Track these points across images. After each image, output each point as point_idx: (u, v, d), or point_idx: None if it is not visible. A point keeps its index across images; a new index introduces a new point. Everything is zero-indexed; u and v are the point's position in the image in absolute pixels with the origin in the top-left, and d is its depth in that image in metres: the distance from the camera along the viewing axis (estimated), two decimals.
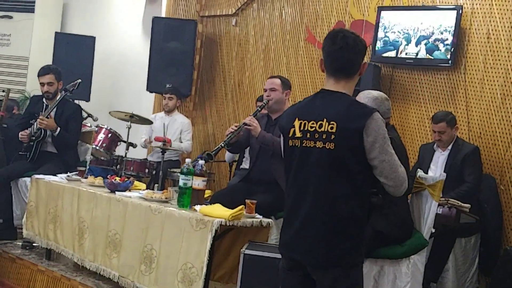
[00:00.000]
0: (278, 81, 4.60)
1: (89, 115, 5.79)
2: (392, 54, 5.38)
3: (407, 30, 5.28)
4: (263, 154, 4.47)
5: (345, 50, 2.35)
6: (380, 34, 5.44)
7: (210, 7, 7.12)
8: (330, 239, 2.29)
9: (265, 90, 4.61)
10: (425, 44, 5.17)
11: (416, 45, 5.22)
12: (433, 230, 3.77)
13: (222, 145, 4.32)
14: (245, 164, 5.63)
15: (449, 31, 5.03)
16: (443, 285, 4.38)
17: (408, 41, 5.27)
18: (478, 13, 5.03)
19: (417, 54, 5.23)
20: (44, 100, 5.20)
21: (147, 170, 5.66)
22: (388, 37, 5.39)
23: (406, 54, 5.29)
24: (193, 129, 6.88)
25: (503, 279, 3.48)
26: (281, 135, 2.54)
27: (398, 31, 5.33)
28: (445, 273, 4.37)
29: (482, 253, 4.57)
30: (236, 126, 4.37)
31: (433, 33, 5.13)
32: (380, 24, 5.45)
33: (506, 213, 4.76)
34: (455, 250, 4.37)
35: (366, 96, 3.56)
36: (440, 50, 5.09)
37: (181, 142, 6.31)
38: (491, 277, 4.24)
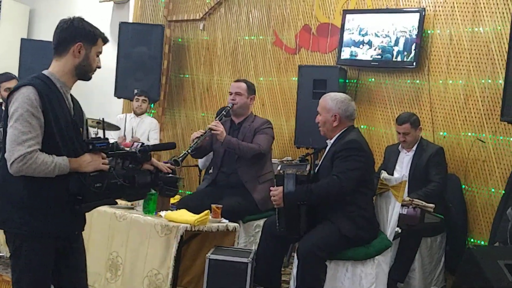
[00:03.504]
0: (244, 85, 4.61)
1: None
2: (357, 56, 5.43)
3: (372, 33, 5.34)
4: (228, 158, 4.48)
5: (56, 31, 2.49)
6: (346, 37, 5.49)
7: (177, 12, 7.10)
8: None
9: (230, 94, 4.61)
10: (390, 47, 5.24)
11: (381, 48, 5.28)
12: (399, 231, 3.84)
13: (189, 151, 4.30)
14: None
15: (413, 34, 5.10)
16: (410, 285, 4.42)
17: (373, 44, 5.33)
18: (441, 15, 5.11)
19: (382, 56, 5.29)
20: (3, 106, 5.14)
21: None
22: (353, 40, 5.44)
23: (371, 56, 5.35)
24: (162, 134, 6.86)
25: (466, 278, 3.53)
26: None
27: (363, 34, 5.39)
28: (412, 272, 4.41)
29: (448, 252, 4.64)
30: (201, 132, 4.37)
31: (397, 36, 5.19)
32: (346, 27, 5.50)
33: (471, 212, 4.84)
34: (421, 250, 4.43)
35: (333, 98, 3.61)
36: (405, 53, 5.15)
37: (148, 141, 6.28)
38: (455, 276, 4.30)
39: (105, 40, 2.56)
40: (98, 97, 7.37)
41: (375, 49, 5.32)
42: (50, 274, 2.40)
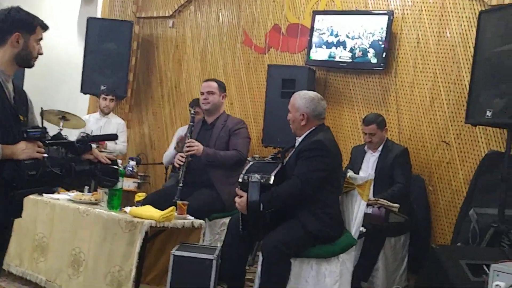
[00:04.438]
0: (215, 84, 4.61)
1: None
2: (326, 57, 5.46)
3: (341, 34, 5.37)
4: (198, 157, 4.46)
5: None
6: (315, 37, 5.51)
7: (147, 9, 7.04)
8: None
9: (202, 94, 4.60)
10: (358, 48, 5.27)
11: (350, 49, 5.32)
12: (364, 230, 3.86)
13: (181, 185, 4.27)
14: None
15: (381, 36, 5.15)
16: (373, 283, 4.46)
17: (342, 45, 5.36)
18: (409, 18, 5.18)
19: (350, 57, 5.32)
20: None
21: None
22: (322, 40, 5.47)
23: (340, 57, 5.38)
24: (129, 132, 6.78)
25: (429, 277, 3.57)
26: None
27: (332, 35, 5.42)
28: (375, 272, 4.45)
29: (411, 252, 4.69)
30: (182, 159, 4.34)
31: (366, 37, 5.24)
32: (315, 28, 5.52)
33: (434, 213, 4.91)
34: (385, 249, 4.47)
35: (303, 97, 3.60)
36: (373, 54, 5.20)
37: (116, 143, 6.20)
38: (418, 275, 4.35)
39: (44, 27, 2.59)
40: (64, 92, 7.27)
41: (343, 50, 5.35)
42: None
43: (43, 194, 3.87)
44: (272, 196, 3.26)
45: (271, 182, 3.27)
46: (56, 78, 7.38)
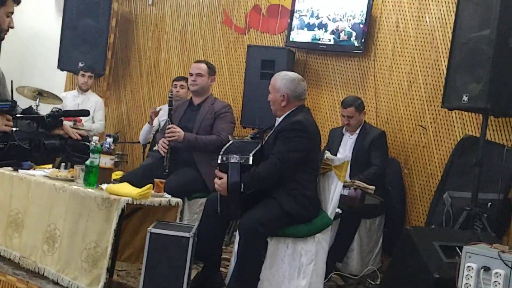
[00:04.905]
0: (204, 66, 4.58)
1: None
2: (306, 39, 5.46)
3: (322, 16, 5.37)
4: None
5: None
6: (295, 19, 5.50)
7: None
8: None
9: (191, 75, 4.57)
10: (338, 31, 5.28)
11: (330, 31, 5.32)
12: (340, 211, 3.89)
13: (166, 169, 4.30)
14: None
15: (361, 19, 5.16)
16: (348, 264, 4.52)
17: (322, 27, 5.36)
18: (389, 2, 5.20)
19: (330, 40, 5.33)
20: None
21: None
22: (303, 22, 5.46)
23: (319, 40, 5.38)
24: (106, 110, 6.73)
25: (402, 258, 3.63)
26: None
27: (313, 17, 5.41)
28: (350, 253, 4.51)
29: (386, 234, 4.75)
30: (164, 145, 4.34)
31: (346, 20, 5.25)
32: (296, 9, 5.51)
33: (409, 195, 4.98)
34: (360, 231, 4.52)
35: (283, 78, 3.60)
36: (352, 37, 5.21)
37: (93, 122, 6.15)
38: (392, 256, 4.41)
39: (16, 1, 2.55)
40: (40, 69, 7.17)
41: (323, 33, 5.35)
42: None
43: (19, 170, 3.84)
44: (252, 177, 3.27)
45: (250, 162, 3.27)
46: (33, 54, 7.28)
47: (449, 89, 4.31)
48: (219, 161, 3.36)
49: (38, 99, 5.30)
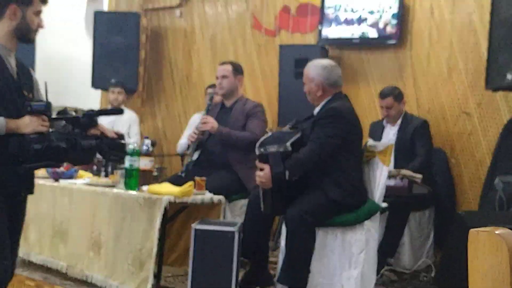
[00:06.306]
0: (228, 67, 4.52)
1: None
2: (338, 35, 5.36)
3: (352, 10, 5.28)
4: (212, 139, 4.38)
5: None
6: (326, 16, 5.42)
7: (153, 0, 6.99)
8: None
9: (217, 78, 4.53)
10: (371, 23, 5.18)
11: (362, 25, 5.22)
12: (386, 205, 3.76)
13: (191, 159, 4.28)
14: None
15: (394, 8, 5.05)
16: (400, 260, 4.35)
17: (354, 21, 5.27)
18: None
19: (363, 33, 5.23)
20: None
21: (95, 167, 5.48)
22: (333, 18, 5.37)
23: (352, 34, 5.28)
24: (142, 126, 6.72)
25: (455, 243, 3.47)
26: None
27: (344, 12, 5.32)
28: (401, 248, 4.35)
29: (437, 227, 4.58)
30: (195, 134, 4.29)
31: (378, 12, 5.14)
32: (326, 6, 5.43)
33: (458, 186, 4.80)
34: (409, 224, 4.36)
35: (315, 65, 3.52)
36: (386, 28, 5.10)
37: (129, 137, 6.14)
38: (444, 245, 4.23)
39: (43, 0, 2.52)
40: (75, 88, 7.22)
41: (356, 27, 5.26)
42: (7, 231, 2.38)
43: (59, 180, 3.83)
44: (296, 163, 3.18)
45: (290, 149, 3.19)
46: (67, 73, 7.36)
47: (492, 69, 4.15)
48: (257, 153, 3.28)
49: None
